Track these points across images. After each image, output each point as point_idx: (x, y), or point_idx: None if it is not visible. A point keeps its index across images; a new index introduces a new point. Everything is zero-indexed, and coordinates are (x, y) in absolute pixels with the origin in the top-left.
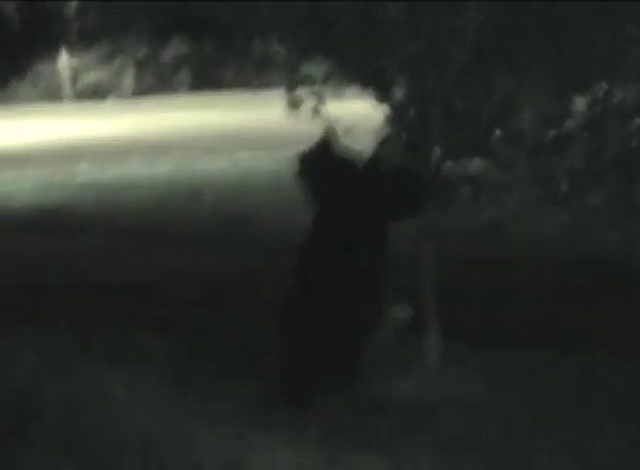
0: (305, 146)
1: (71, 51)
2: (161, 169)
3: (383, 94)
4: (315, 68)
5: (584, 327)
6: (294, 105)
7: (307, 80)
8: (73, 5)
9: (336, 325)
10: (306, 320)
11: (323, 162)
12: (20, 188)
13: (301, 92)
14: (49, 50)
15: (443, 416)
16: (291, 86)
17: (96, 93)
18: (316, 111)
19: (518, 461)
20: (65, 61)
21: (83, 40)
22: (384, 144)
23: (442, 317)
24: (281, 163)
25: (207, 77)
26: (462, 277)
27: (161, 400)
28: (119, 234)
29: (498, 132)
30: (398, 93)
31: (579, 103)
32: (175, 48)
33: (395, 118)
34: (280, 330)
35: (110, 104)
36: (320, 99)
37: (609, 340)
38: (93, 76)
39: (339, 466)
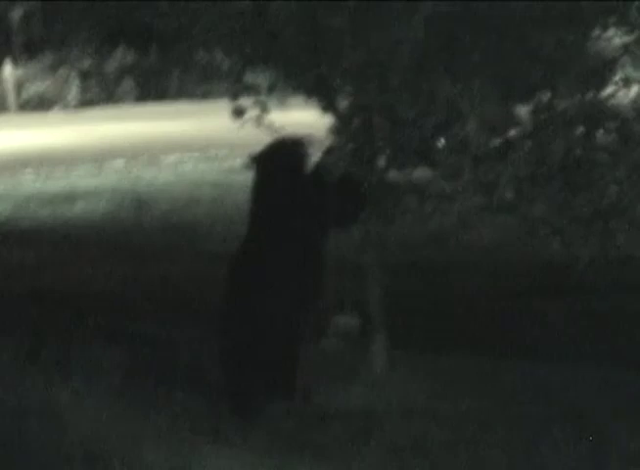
0: (251, 154)
1: (15, 61)
2: (107, 180)
3: (327, 103)
4: (259, 77)
5: (529, 333)
6: (238, 114)
7: (251, 89)
8: (17, 15)
9: (273, 334)
10: (244, 329)
11: (272, 165)
12: None
13: (246, 101)
14: None
15: (390, 424)
16: (235, 96)
17: (41, 104)
18: (260, 120)
19: (465, 467)
20: (8, 71)
21: (27, 51)
22: (328, 153)
23: (389, 325)
24: (225, 173)
25: (151, 88)
26: (408, 285)
27: (108, 410)
28: (65, 245)
29: (442, 140)
30: (342, 102)
31: (523, 111)
32: (119, 58)
33: (340, 127)
34: (219, 339)
35: (55, 114)
36: (264, 108)
37: (553, 346)
38: (37, 87)
39: None
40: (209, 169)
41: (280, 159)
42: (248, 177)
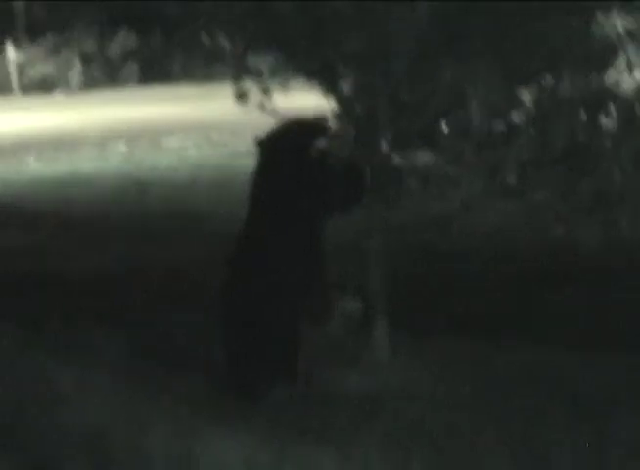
0: (257, 138)
1: (18, 44)
2: (109, 164)
3: (330, 87)
4: (261, 60)
5: (532, 318)
6: (240, 98)
7: (254, 73)
8: None
9: (275, 318)
10: (247, 314)
11: (277, 149)
12: None
13: (248, 85)
14: None
15: (393, 408)
16: (237, 79)
17: (43, 86)
18: (262, 103)
19: (466, 452)
20: (11, 53)
21: (30, 33)
22: (331, 137)
23: (391, 309)
24: (228, 156)
25: (154, 70)
26: (410, 269)
27: (111, 394)
28: (68, 228)
29: (445, 125)
30: (345, 86)
31: (526, 95)
32: (122, 42)
33: (343, 111)
34: (222, 323)
35: (57, 97)
36: (267, 92)
37: (555, 331)
38: (40, 70)
39: (288, 458)
40: (212, 153)
41: (286, 143)
42: (251, 161)
